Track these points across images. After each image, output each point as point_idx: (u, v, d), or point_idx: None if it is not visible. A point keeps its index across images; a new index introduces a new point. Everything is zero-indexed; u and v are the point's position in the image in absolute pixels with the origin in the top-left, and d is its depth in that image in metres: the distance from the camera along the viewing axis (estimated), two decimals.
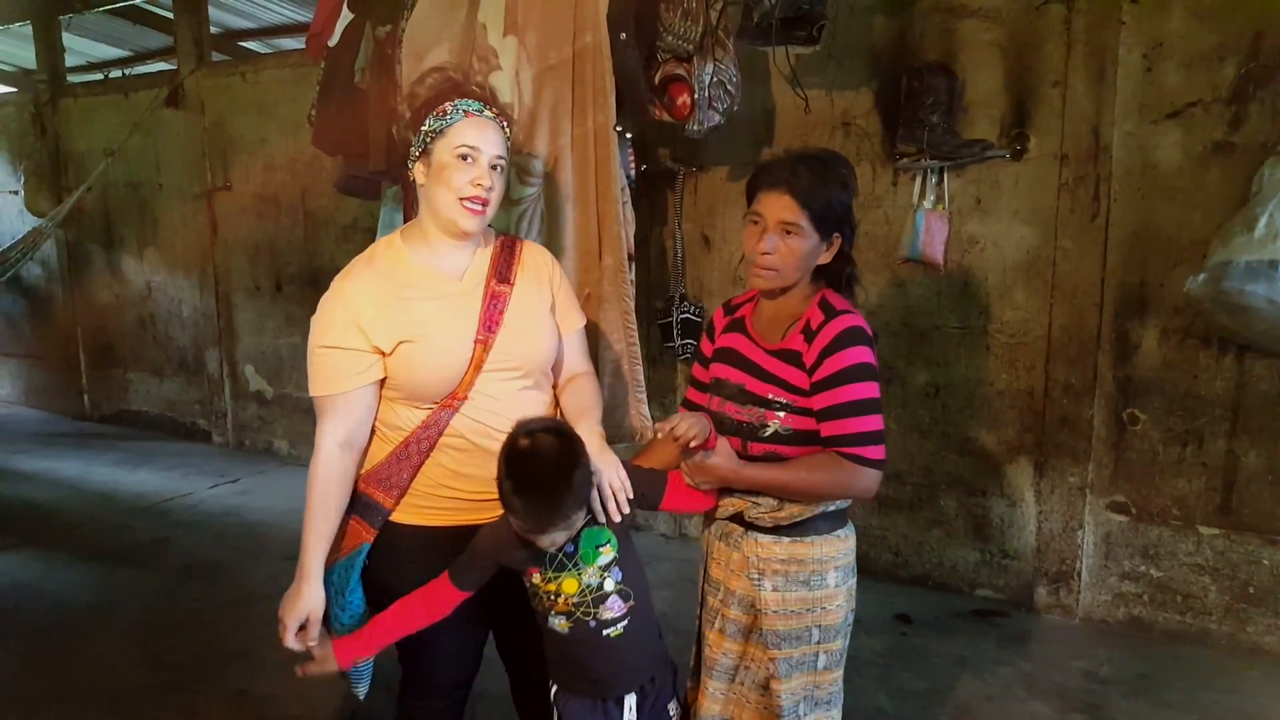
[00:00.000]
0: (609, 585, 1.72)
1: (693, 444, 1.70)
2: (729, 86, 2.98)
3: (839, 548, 1.82)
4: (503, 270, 1.88)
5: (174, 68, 5.87)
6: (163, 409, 6.37)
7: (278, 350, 5.63)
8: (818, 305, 1.76)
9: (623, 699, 1.77)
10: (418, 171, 1.82)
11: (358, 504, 1.86)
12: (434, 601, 1.74)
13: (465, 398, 1.80)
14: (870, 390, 1.70)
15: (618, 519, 1.74)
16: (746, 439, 1.77)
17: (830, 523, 1.81)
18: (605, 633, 1.72)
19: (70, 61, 6.77)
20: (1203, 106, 3.01)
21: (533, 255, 1.96)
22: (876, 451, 1.70)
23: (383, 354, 1.77)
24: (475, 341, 1.79)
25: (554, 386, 2.00)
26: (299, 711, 2.84)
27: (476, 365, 1.79)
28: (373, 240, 3.97)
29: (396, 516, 1.84)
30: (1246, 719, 2.77)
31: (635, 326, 2.85)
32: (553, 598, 1.71)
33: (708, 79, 2.90)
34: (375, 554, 1.85)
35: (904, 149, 3.37)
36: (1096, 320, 3.25)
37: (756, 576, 1.79)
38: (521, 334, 1.85)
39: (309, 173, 5.18)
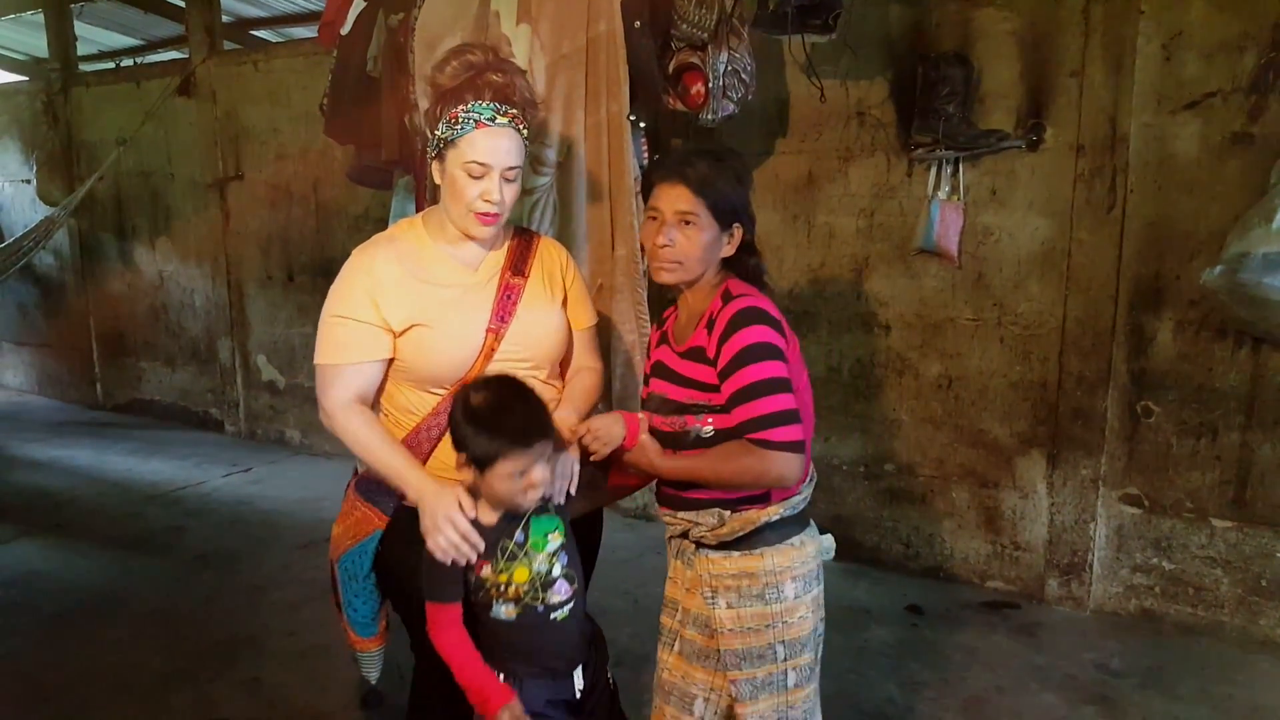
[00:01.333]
0: (557, 570, 1.73)
1: (606, 449, 1.71)
2: (743, 75, 2.96)
3: (793, 556, 1.74)
4: (518, 263, 1.90)
5: (186, 56, 5.87)
6: (175, 398, 6.40)
7: (290, 340, 5.64)
8: (719, 296, 1.73)
9: (571, 673, 1.79)
10: (434, 170, 1.83)
11: (369, 492, 1.87)
12: (449, 634, 1.72)
13: None
14: (771, 369, 1.63)
15: (561, 500, 1.76)
16: (675, 448, 1.75)
17: (779, 532, 1.73)
18: (553, 616, 1.72)
19: (82, 50, 6.77)
20: (1222, 97, 2.99)
21: (548, 250, 1.98)
22: (786, 433, 1.61)
23: (393, 333, 1.79)
24: (487, 331, 1.81)
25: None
26: (310, 699, 2.85)
27: (487, 354, 1.81)
28: (385, 229, 3.97)
29: (409, 502, 1.84)
30: (1258, 712, 2.76)
31: (648, 317, 2.85)
32: (501, 588, 1.70)
33: (722, 68, 2.89)
34: (387, 540, 1.86)
35: (919, 139, 3.35)
36: (1111, 312, 3.23)
37: (710, 594, 1.74)
38: (533, 326, 1.87)
39: (321, 162, 5.18)
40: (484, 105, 1.74)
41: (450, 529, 1.66)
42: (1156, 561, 3.29)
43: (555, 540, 1.74)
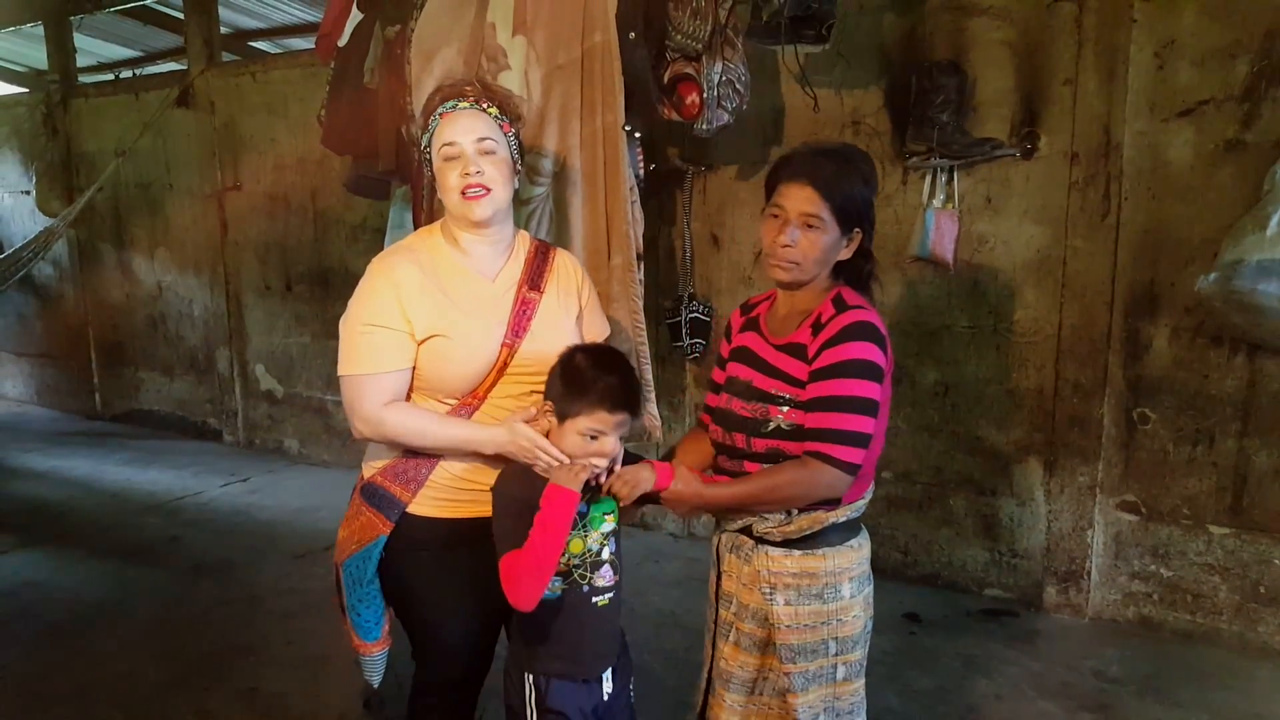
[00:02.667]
0: (605, 554, 1.77)
1: (634, 493, 1.73)
2: (738, 85, 2.98)
3: (853, 558, 1.79)
4: (534, 278, 1.93)
5: (184, 68, 5.89)
6: (173, 408, 6.40)
7: (288, 350, 5.65)
8: (831, 301, 1.74)
9: (600, 676, 1.81)
10: (436, 186, 1.87)
11: (374, 497, 1.88)
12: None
13: (484, 398, 1.84)
14: (864, 389, 1.65)
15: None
16: (750, 434, 1.77)
17: (842, 534, 1.78)
18: (595, 600, 1.76)
19: (81, 62, 6.80)
20: (1214, 104, 3.00)
21: (565, 265, 2.01)
22: (850, 454, 1.65)
23: (416, 342, 1.80)
24: (502, 345, 1.83)
25: None
26: (308, 709, 2.85)
27: (500, 367, 1.83)
28: (382, 240, 3.99)
29: (414, 509, 1.86)
30: (1257, 719, 2.76)
31: (644, 326, 2.85)
32: None
33: (717, 78, 2.90)
34: (391, 547, 1.87)
35: (914, 148, 3.36)
36: (1107, 319, 3.23)
37: (769, 591, 1.77)
38: (546, 342, 1.88)
39: (318, 172, 5.20)
40: (449, 102, 1.83)
41: (532, 446, 1.72)
42: (1154, 569, 3.29)
43: (609, 523, 1.78)
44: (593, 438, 1.69)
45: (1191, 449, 3.18)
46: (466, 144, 1.80)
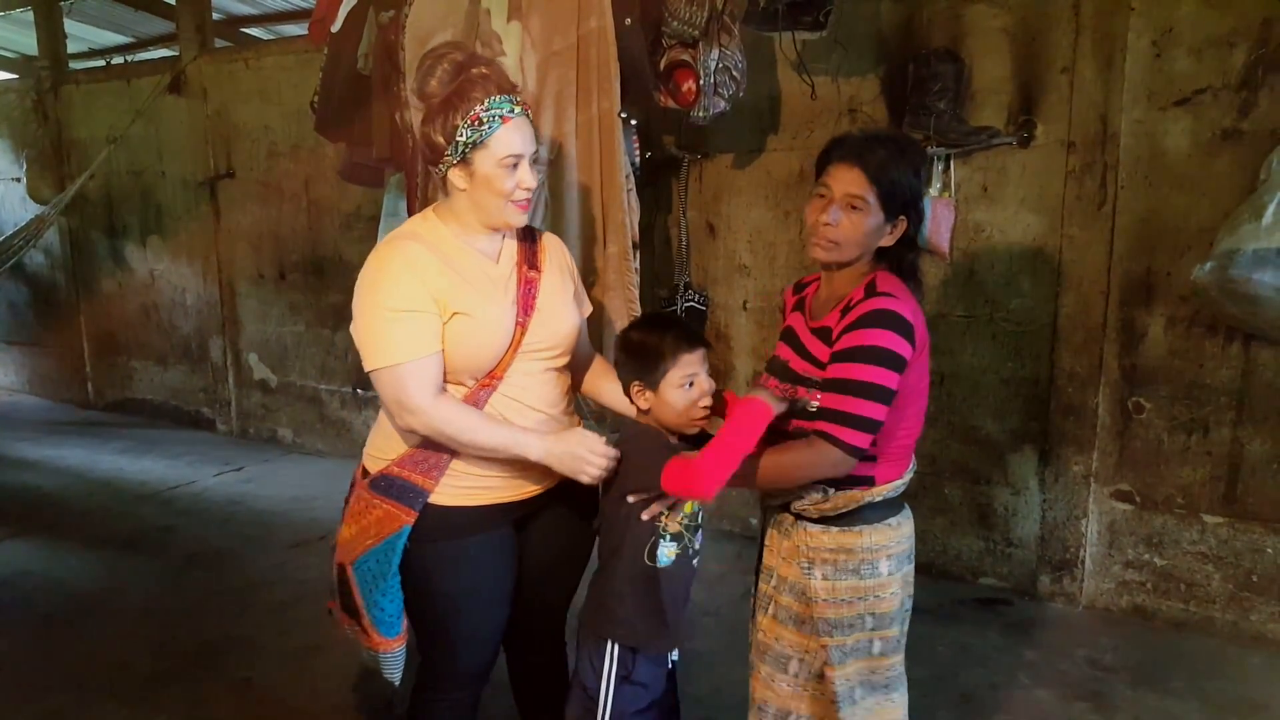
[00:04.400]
0: (700, 518, 1.86)
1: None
2: (734, 72, 2.97)
3: (891, 536, 1.80)
4: (531, 257, 1.94)
5: (176, 54, 5.84)
6: (167, 397, 6.38)
7: (281, 338, 5.62)
8: (864, 286, 1.74)
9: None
10: (455, 177, 1.80)
11: (392, 488, 1.84)
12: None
13: (501, 377, 1.84)
14: (877, 375, 1.64)
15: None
16: (785, 415, 1.78)
17: (880, 511, 1.79)
18: (694, 562, 1.85)
19: (72, 48, 6.74)
20: (1212, 93, 2.99)
21: (553, 244, 2.03)
22: (854, 437, 1.65)
23: (442, 321, 1.78)
24: (516, 324, 1.84)
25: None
26: (302, 700, 2.84)
27: (515, 346, 1.84)
28: (376, 227, 3.97)
29: (436, 499, 1.83)
30: (1249, 707, 2.77)
31: (639, 314, 2.85)
32: (667, 520, 1.79)
33: (713, 65, 2.89)
34: (415, 537, 1.83)
35: (910, 135, 3.34)
36: (1102, 308, 3.23)
37: (807, 565, 1.79)
38: (552, 318, 1.90)
39: (312, 160, 5.16)
40: (500, 100, 1.75)
41: (595, 456, 1.80)
42: (1148, 558, 3.29)
43: None
44: (690, 385, 1.76)
45: (1186, 438, 3.18)
46: (527, 157, 1.80)
